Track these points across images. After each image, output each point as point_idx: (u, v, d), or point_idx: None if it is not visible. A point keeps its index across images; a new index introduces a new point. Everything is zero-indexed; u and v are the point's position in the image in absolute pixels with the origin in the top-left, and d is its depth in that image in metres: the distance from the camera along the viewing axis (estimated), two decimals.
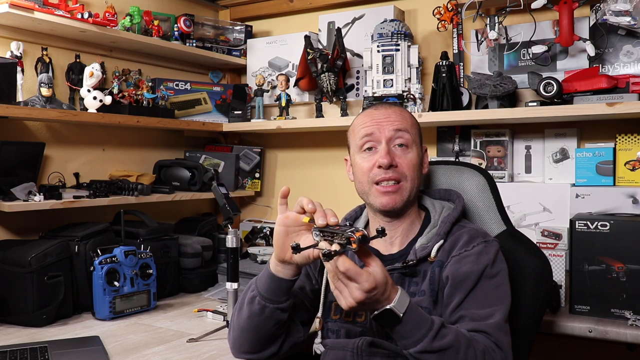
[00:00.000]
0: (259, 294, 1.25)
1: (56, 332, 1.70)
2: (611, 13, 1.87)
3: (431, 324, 1.10)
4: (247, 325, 1.27)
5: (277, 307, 1.24)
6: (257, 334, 1.27)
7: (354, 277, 1.03)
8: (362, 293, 1.03)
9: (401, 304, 1.08)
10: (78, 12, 2.01)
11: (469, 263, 1.23)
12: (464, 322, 1.19)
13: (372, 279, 1.04)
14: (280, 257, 1.21)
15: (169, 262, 2.14)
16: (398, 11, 2.41)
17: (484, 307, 1.20)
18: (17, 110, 1.85)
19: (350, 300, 1.05)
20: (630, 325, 1.55)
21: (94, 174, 2.30)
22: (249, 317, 1.26)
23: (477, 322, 1.18)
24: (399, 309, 1.08)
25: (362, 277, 1.03)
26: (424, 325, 1.10)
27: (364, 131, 1.33)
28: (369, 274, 1.04)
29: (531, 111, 1.99)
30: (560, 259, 1.76)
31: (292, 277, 1.23)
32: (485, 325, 1.17)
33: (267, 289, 1.24)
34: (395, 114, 1.34)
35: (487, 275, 1.23)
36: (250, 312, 1.26)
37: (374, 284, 1.03)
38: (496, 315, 1.19)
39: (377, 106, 1.38)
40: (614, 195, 1.93)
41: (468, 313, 1.20)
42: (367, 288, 1.03)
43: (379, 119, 1.33)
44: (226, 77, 2.88)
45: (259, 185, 2.78)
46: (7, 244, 1.88)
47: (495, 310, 1.20)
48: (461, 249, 1.26)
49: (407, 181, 1.30)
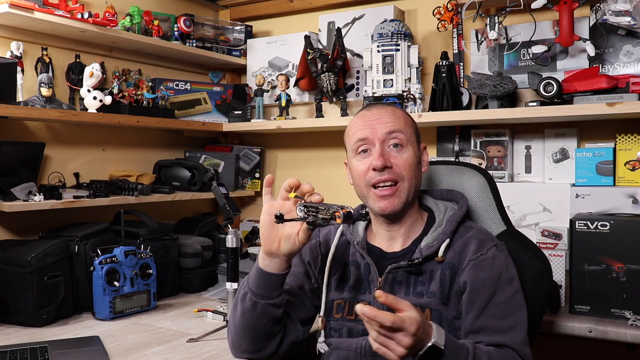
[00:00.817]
0: (250, 291, 1.25)
1: (56, 332, 1.70)
2: (611, 13, 1.87)
3: (467, 350, 1.12)
4: (242, 323, 1.28)
5: (268, 303, 1.24)
6: (253, 331, 1.28)
7: (401, 327, 1.03)
8: (410, 338, 1.03)
9: (440, 337, 1.09)
10: (78, 12, 2.01)
11: (486, 268, 1.24)
12: (487, 334, 1.20)
13: (415, 321, 1.04)
14: (267, 248, 1.22)
15: (169, 262, 2.14)
16: (398, 11, 2.41)
17: (505, 317, 1.22)
18: (17, 110, 1.85)
19: (400, 350, 1.04)
20: (630, 325, 1.55)
21: (94, 174, 2.30)
22: (242, 314, 1.27)
23: (502, 336, 1.20)
24: (440, 342, 1.09)
25: (406, 322, 1.03)
26: (462, 353, 1.11)
27: (357, 134, 1.33)
28: (411, 318, 1.04)
29: (531, 111, 1.99)
30: (560, 259, 1.76)
31: (281, 272, 1.24)
32: (510, 341, 1.19)
33: (257, 284, 1.24)
34: (387, 114, 1.33)
35: (505, 281, 1.24)
36: (243, 309, 1.27)
37: (417, 326, 1.04)
38: (518, 328, 1.21)
39: (370, 107, 1.37)
40: (614, 195, 1.93)
41: (490, 324, 1.21)
42: (414, 331, 1.03)
43: (371, 120, 1.32)
44: (226, 77, 2.88)
45: (259, 185, 2.78)
46: (7, 244, 1.88)
47: (516, 322, 1.22)
48: (476, 253, 1.26)
49: (405, 181, 1.29)
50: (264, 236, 1.21)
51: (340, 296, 1.35)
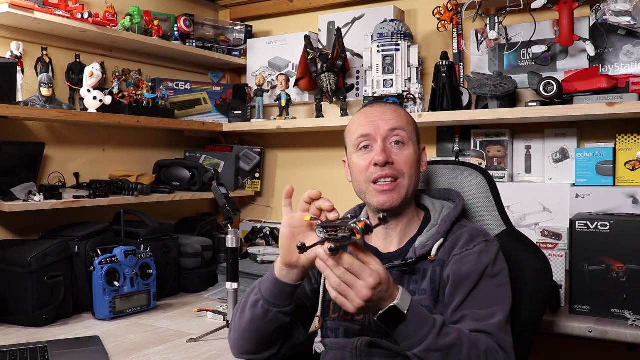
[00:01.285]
0: (263, 298, 1.24)
1: (56, 332, 1.70)
2: (611, 13, 1.87)
3: (434, 322, 1.10)
4: (249, 327, 1.27)
5: (280, 311, 1.23)
6: (259, 336, 1.27)
7: (358, 273, 1.03)
8: (369, 290, 1.03)
9: (404, 302, 1.08)
10: (78, 12, 2.01)
11: (470, 262, 1.23)
12: (465, 322, 1.19)
13: (376, 274, 1.03)
14: (286, 260, 1.19)
15: (169, 262, 2.14)
16: (398, 11, 2.41)
17: (485, 307, 1.20)
18: (17, 110, 1.85)
19: (357, 301, 1.04)
20: (630, 325, 1.55)
21: (94, 174, 2.30)
22: (251, 320, 1.26)
23: (479, 322, 1.18)
24: (403, 306, 1.07)
25: (366, 272, 1.03)
26: (427, 323, 1.10)
27: (359, 130, 1.33)
28: (372, 270, 1.04)
29: (531, 111, 1.99)
30: (560, 259, 1.76)
31: (297, 282, 1.22)
32: (487, 326, 1.17)
33: (271, 293, 1.23)
34: (390, 111, 1.34)
35: (489, 275, 1.23)
36: (253, 315, 1.25)
37: (378, 279, 1.03)
38: (498, 315, 1.19)
39: (373, 105, 1.39)
40: (614, 195, 1.93)
41: (470, 313, 1.19)
42: (373, 284, 1.03)
43: (374, 117, 1.33)
44: (226, 77, 2.88)
45: (259, 185, 2.78)
46: (7, 244, 1.88)
47: (496, 310, 1.20)
48: (462, 248, 1.26)
49: (404, 178, 1.30)
50: (284, 248, 1.19)
51: None
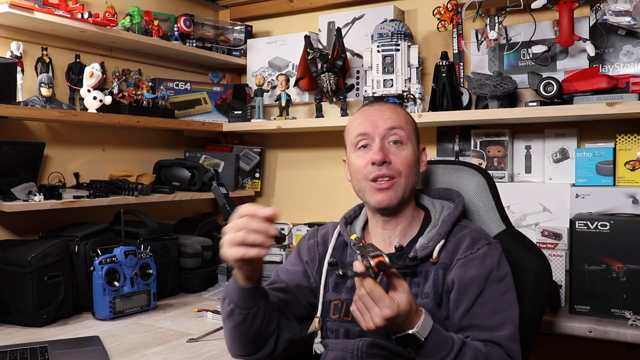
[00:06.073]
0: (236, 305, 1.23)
1: (56, 332, 1.70)
2: (611, 13, 1.87)
3: (452, 345, 1.11)
4: (235, 334, 1.27)
5: (257, 311, 1.24)
6: (247, 338, 1.27)
7: (377, 300, 1.02)
8: (382, 320, 1.03)
9: (424, 329, 1.08)
10: (78, 12, 2.01)
11: (474, 266, 1.23)
12: (474, 331, 1.19)
13: (395, 306, 1.03)
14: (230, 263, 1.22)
15: (169, 262, 2.14)
16: (398, 11, 2.41)
17: (493, 315, 1.20)
18: (17, 110, 1.85)
19: (370, 324, 1.04)
20: (630, 325, 1.55)
21: (94, 174, 2.30)
22: (233, 328, 1.26)
23: (490, 333, 1.19)
24: (422, 334, 1.08)
25: (384, 302, 1.02)
26: (445, 347, 1.10)
27: (358, 129, 1.33)
28: (393, 301, 1.03)
29: (531, 111, 1.99)
30: (560, 259, 1.76)
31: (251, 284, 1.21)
32: (497, 337, 1.18)
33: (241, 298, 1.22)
34: (389, 110, 1.34)
35: (494, 279, 1.23)
36: (233, 323, 1.25)
37: (395, 312, 1.03)
38: (507, 326, 1.20)
39: (372, 104, 1.39)
40: (614, 195, 1.93)
41: (478, 322, 1.20)
42: (388, 315, 1.02)
43: (373, 116, 1.34)
44: (226, 77, 2.88)
45: (259, 185, 2.78)
46: (7, 244, 1.88)
47: (505, 319, 1.21)
48: (466, 252, 1.26)
49: (402, 177, 1.30)
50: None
51: (338, 297, 1.35)
